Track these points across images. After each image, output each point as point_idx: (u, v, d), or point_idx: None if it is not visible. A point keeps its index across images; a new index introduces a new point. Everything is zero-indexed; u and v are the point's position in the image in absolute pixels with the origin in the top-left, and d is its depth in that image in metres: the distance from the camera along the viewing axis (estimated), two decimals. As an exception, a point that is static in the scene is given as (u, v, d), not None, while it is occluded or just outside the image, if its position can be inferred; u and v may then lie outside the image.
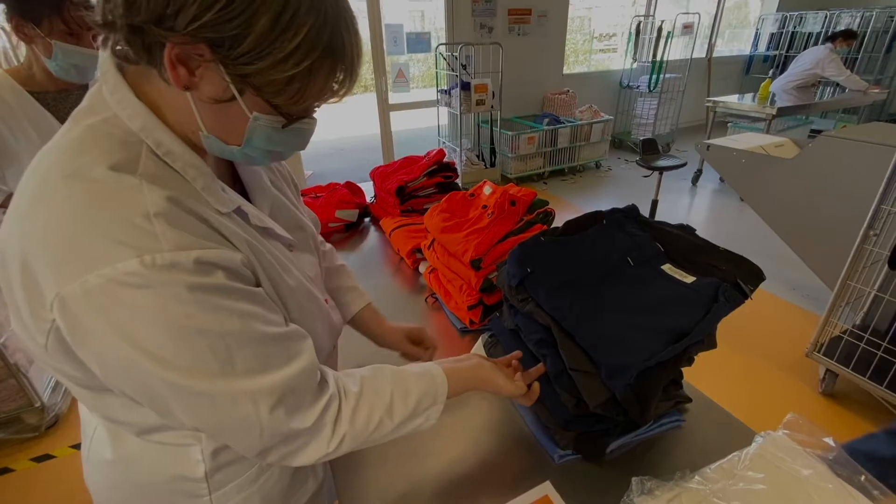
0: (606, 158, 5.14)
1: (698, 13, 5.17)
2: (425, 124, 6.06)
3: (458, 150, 4.21)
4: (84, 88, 1.30)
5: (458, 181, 1.65)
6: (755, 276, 0.72)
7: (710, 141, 2.89)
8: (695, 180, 4.56)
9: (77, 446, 1.77)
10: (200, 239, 0.43)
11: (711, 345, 0.74)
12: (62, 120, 1.15)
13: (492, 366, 0.70)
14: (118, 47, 0.43)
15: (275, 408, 0.46)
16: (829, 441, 0.71)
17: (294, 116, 0.47)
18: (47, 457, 1.74)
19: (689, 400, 0.82)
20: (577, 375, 0.68)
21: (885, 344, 1.75)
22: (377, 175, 1.65)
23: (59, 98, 1.29)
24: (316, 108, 0.50)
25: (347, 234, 1.62)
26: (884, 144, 2.00)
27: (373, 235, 1.61)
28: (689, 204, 4.28)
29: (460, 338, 1.05)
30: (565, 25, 4.97)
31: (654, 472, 0.66)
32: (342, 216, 1.59)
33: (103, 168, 0.41)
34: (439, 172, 1.59)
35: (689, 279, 0.71)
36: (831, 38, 4.58)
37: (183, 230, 0.41)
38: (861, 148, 2.12)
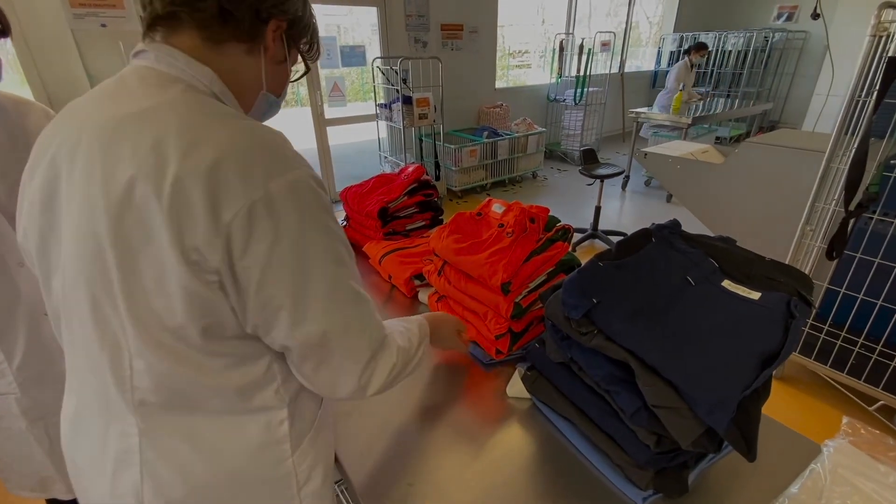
0: (541, 168, 5.34)
1: (613, 32, 5.59)
2: (360, 139, 5.87)
3: (402, 164, 4.12)
4: None
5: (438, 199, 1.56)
6: (808, 285, 0.71)
7: (648, 149, 3.09)
8: (624, 185, 4.88)
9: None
10: None
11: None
12: None
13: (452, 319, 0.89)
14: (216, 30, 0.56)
15: (374, 312, 0.57)
16: (890, 440, 0.72)
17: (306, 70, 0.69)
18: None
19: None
20: (662, 412, 0.62)
21: (826, 327, 1.93)
22: (350, 196, 1.51)
23: None
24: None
25: (322, 262, 1.46)
26: (805, 149, 2.24)
27: (350, 262, 1.47)
28: (620, 207, 4.55)
29: (485, 372, 0.96)
30: (495, 41, 5.11)
31: (733, 498, 0.64)
32: (316, 244, 1.42)
33: (233, 112, 0.52)
34: (419, 191, 1.50)
35: (755, 295, 0.69)
36: (686, 51, 5.10)
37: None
38: (781, 152, 2.36)
